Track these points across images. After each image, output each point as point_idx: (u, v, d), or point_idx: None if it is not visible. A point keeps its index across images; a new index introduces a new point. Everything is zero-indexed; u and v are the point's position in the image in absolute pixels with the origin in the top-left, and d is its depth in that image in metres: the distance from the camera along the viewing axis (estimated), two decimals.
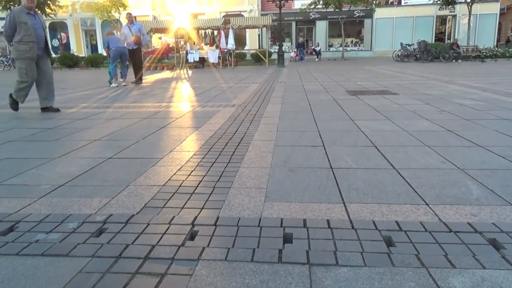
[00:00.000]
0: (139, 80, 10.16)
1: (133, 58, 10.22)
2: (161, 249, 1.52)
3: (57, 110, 5.43)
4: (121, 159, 2.87)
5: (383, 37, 29.22)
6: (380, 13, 27.54)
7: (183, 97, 7.00)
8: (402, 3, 28.94)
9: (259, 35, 28.91)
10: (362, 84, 8.43)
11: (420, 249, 1.47)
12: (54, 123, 4.48)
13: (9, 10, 22.25)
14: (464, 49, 19.19)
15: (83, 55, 25.64)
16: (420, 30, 28.36)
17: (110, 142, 3.48)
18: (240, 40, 22.76)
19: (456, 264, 1.37)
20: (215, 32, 19.31)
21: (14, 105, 5.41)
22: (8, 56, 22.93)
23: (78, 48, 30.11)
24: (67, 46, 30.25)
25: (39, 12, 25.26)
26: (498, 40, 28.82)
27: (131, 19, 10.27)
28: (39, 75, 5.37)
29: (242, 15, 26.44)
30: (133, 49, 10.05)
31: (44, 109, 5.42)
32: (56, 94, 5.79)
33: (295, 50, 25.91)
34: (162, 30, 19.46)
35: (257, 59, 21.01)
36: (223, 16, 24.91)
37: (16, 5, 21.98)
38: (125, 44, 9.80)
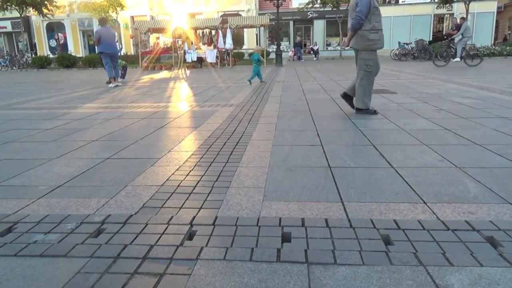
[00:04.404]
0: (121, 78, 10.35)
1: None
2: (159, 249, 1.52)
3: (375, 112, 4.53)
4: (120, 160, 2.87)
5: None
6: None
7: (181, 97, 7.00)
8: (400, 2, 28.97)
9: (257, 34, 28.87)
10: None
11: (418, 247, 1.48)
12: (52, 124, 4.47)
13: (5, 11, 21.96)
14: None
15: (81, 56, 25.59)
16: (418, 28, 28.38)
17: (108, 142, 3.47)
18: (238, 40, 22.78)
19: (453, 262, 1.38)
20: (213, 32, 19.29)
21: (350, 101, 4.70)
22: (6, 57, 22.77)
23: (76, 48, 30.06)
24: (64, 46, 30.19)
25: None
26: (495, 39, 28.87)
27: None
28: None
29: (240, 15, 26.40)
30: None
31: (358, 110, 4.58)
32: (54, 95, 5.77)
33: (293, 49, 25.93)
34: (159, 30, 19.42)
35: None
36: (221, 16, 24.88)
37: (13, 5, 21.74)
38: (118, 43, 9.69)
